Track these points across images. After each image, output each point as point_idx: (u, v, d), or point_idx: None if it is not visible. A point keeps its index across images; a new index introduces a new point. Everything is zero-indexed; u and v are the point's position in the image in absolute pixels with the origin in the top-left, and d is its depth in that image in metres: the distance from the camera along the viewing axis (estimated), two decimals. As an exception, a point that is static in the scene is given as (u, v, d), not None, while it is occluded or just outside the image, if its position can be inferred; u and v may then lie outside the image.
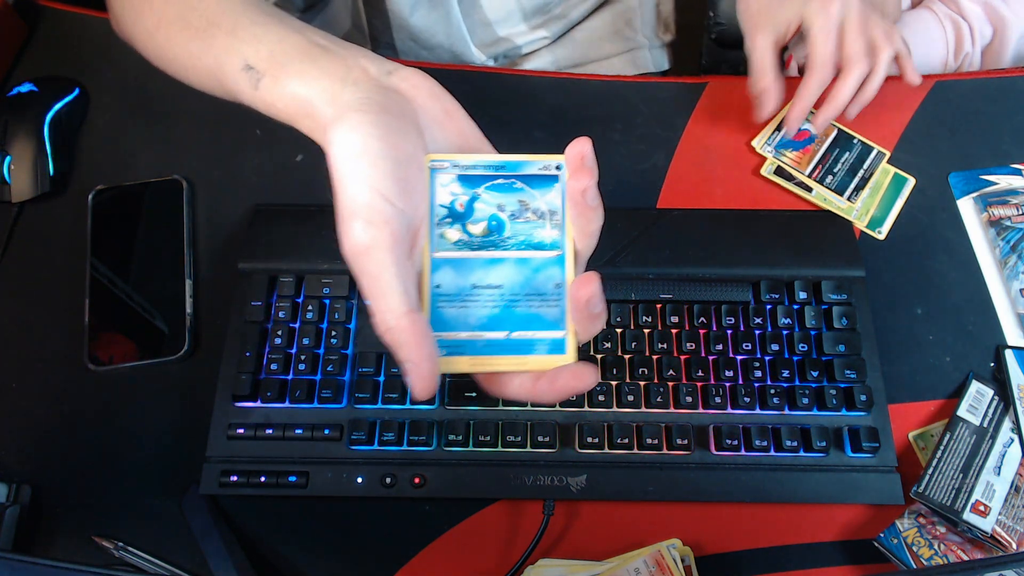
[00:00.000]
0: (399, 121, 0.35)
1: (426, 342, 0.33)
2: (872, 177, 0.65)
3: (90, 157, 0.67)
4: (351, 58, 0.38)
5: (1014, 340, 0.59)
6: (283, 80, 0.38)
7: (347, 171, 0.33)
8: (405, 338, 0.32)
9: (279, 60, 0.39)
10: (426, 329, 0.33)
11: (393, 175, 0.33)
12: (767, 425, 0.55)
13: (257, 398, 0.55)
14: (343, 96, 0.36)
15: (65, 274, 0.62)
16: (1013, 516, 0.51)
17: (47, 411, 0.57)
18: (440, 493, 0.53)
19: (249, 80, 0.39)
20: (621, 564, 0.51)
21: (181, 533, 0.53)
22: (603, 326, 0.36)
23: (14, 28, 0.72)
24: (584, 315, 0.35)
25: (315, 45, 0.39)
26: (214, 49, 0.42)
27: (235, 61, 0.40)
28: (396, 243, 0.33)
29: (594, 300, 0.34)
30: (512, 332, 0.35)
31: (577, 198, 0.35)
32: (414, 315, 0.33)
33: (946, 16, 0.82)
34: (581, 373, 0.35)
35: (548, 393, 0.35)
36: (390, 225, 0.33)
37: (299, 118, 0.38)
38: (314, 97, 0.36)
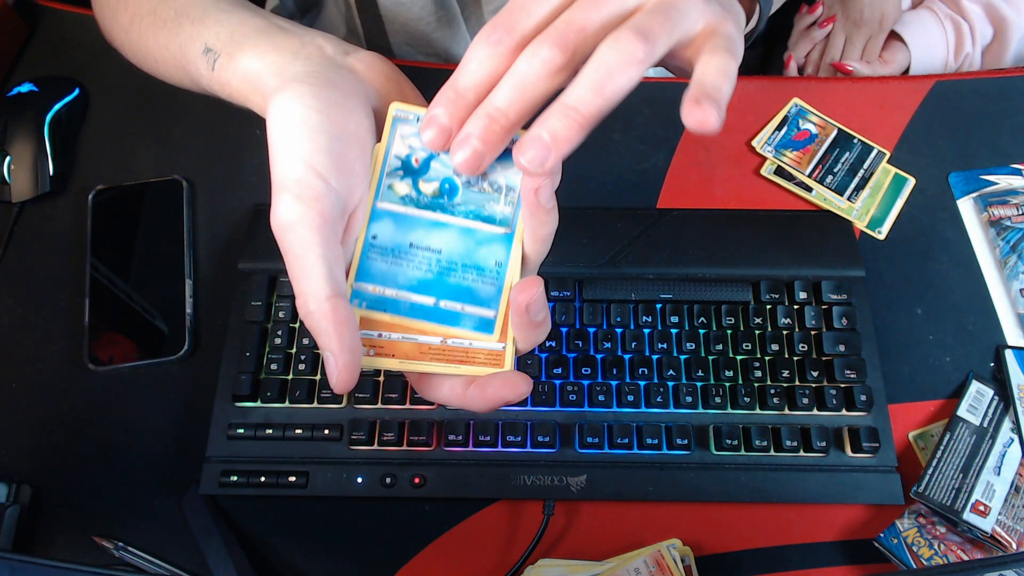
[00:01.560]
0: (345, 98, 0.33)
1: (347, 331, 0.30)
2: (872, 177, 0.65)
3: (90, 157, 0.67)
4: (308, 36, 0.37)
5: (1014, 340, 0.59)
6: (237, 57, 0.37)
7: (281, 142, 0.32)
8: (324, 325, 0.30)
9: (236, 40, 0.37)
10: (348, 317, 0.31)
11: (329, 150, 0.32)
12: (767, 425, 0.55)
13: (257, 398, 0.55)
14: (291, 69, 0.34)
15: (65, 274, 0.62)
16: (1013, 516, 0.51)
17: (47, 411, 0.57)
18: (440, 493, 0.53)
19: (207, 62, 0.38)
20: (621, 564, 0.51)
21: (181, 533, 0.53)
22: (545, 336, 0.34)
23: (14, 28, 0.72)
24: (524, 321, 0.32)
25: (274, 26, 0.38)
26: (179, 37, 0.41)
27: (197, 46, 0.39)
28: (325, 222, 0.31)
29: (535, 306, 0.32)
30: (440, 300, 0.33)
31: (529, 196, 0.32)
32: (336, 300, 0.30)
33: (946, 16, 0.82)
34: (513, 382, 0.33)
35: (478, 400, 0.33)
36: (320, 203, 0.31)
37: (250, 95, 0.36)
38: (263, 71, 0.35)
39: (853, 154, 0.66)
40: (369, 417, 0.55)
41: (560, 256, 0.60)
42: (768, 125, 0.68)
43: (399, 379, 0.55)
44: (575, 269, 0.60)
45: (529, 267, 0.35)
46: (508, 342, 0.33)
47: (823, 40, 0.89)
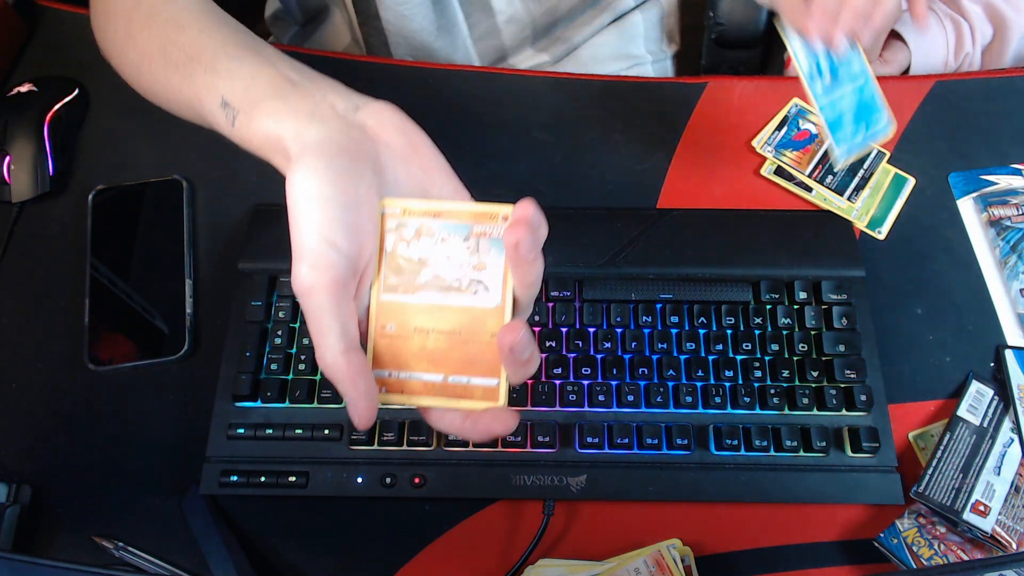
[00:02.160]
0: (355, 163, 0.36)
1: (361, 380, 0.35)
2: (872, 177, 0.65)
3: (90, 157, 0.67)
4: (319, 94, 0.39)
5: (1014, 340, 0.59)
6: (256, 118, 0.39)
7: (296, 214, 0.35)
8: (341, 376, 0.34)
9: (252, 97, 0.40)
10: (362, 367, 0.35)
11: (341, 220, 0.35)
12: (767, 425, 0.55)
13: (257, 398, 0.55)
14: (307, 134, 0.37)
15: (65, 274, 0.62)
16: (1013, 516, 0.51)
17: (47, 411, 0.57)
18: (440, 493, 0.53)
19: (226, 117, 0.40)
20: (621, 564, 0.51)
21: (181, 533, 0.53)
22: (533, 371, 0.37)
23: (14, 28, 0.72)
24: (510, 360, 0.36)
25: (286, 80, 0.40)
26: (194, 85, 0.43)
27: (213, 97, 0.41)
28: (337, 287, 0.35)
29: (518, 347, 0.35)
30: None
31: (510, 251, 0.35)
32: (351, 355, 0.34)
33: (946, 16, 0.82)
34: (502, 418, 0.37)
35: (471, 432, 0.38)
36: (333, 270, 0.34)
37: (272, 154, 0.39)
38: (283, 134, 0.38)
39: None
40: (369, 417, 0.55)
41: (560, 256, 0.60)
42: (768, 125, 0.68)
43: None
44: (575, 269, 0.60)
45: (522, 308, 0.38)
46: (501, 378, 0.37)
47: (823, 40, 0.89)
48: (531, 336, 0.36)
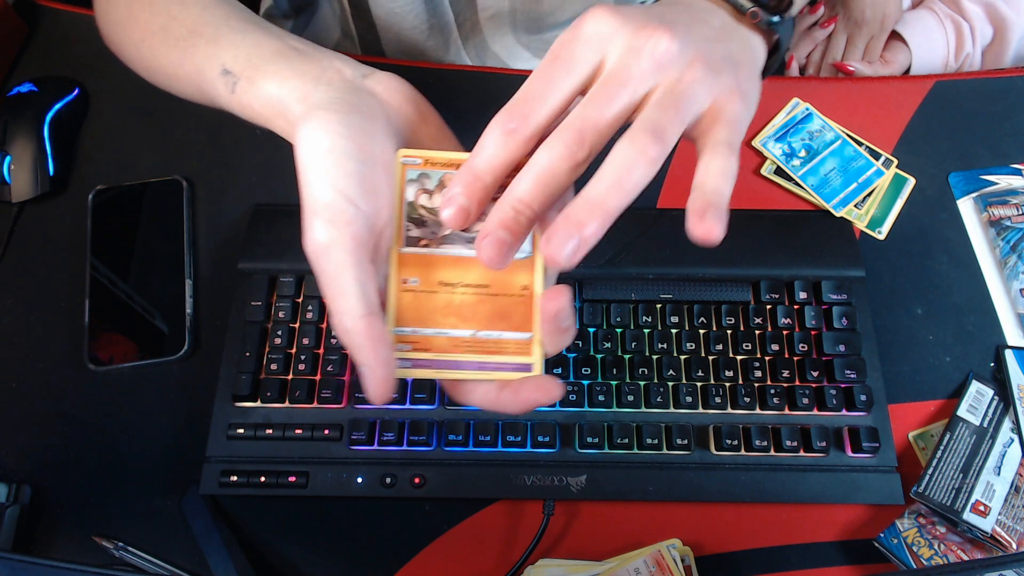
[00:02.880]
0: (369, 122, 0.35)
1: (382, 347, 0.32)
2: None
3: (90, 157, 0.67)
4: (326, 60, 0.38)
5: (1014, 340, 0.59)
6: (258, 82, 0.38)
7: (311, 169, 0.33)
8: (361, 341, 0.32)
9: (255, 63, 0.39)
10: (382, 333, 0.33)
11: (357, 175, 0.33)
12: (767, 425, 0.55)
13: (257, 398, 0.55)
14: (314, 95, 0.36)
15: (65, 274, 0.62)
16: (1013, 516, 0.51)
17: (47, 411, 0.57)
18: (440, 493, 0.53)
19: (226, 84, 0.39)
20: (621, 564, 0.51)
21: (181, 533, 0.53)
22: (571, 340, 0.35)
23: (14, 28, 0.72)
24: (553, 328, 0.34)
25: (291, 48, 0.39)
26: (195, 58, 0.42)
27: (214, 67, 0.40)
28: (357, 244, 0.33)
29: (563, 314, 0.34)
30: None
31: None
32: (371, 319, 0.32)
33: (947, 16, 0.82)
34: (547, 387, 0.35)
35: (511, 404, 0.35)
36: (351, 226, 0.33)
37: (273, 119, 0.38)
38: (286, 96, 0.36)
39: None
40: (369, 417, 0.55)
41: (560, 256, 0.60)
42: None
43: (399, 379, 0.55)
44: (575, 269, 0.59)
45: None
46: (536, 346, 0.35)
47: (824, 40, 0.89)
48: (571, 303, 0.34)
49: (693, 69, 0.32)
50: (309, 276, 0.59)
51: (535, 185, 0.31)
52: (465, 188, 0.32)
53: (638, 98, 0.32)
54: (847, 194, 0.63)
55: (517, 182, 0.32)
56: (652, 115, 0.32)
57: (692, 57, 0.32)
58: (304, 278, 0.59)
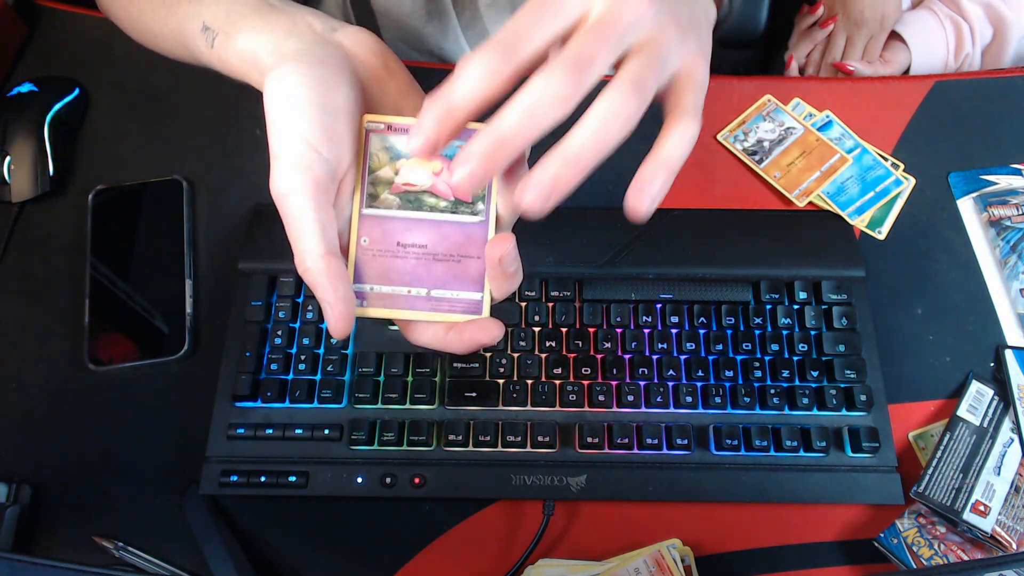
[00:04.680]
0: (333, 73, 0.36)
1: (340, 284, 0.34)
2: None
3: (90, 157, 0.67)
4: (298, 15, 0.39)
5: (1014, 340, 0.59)
6: (234, 36, 0.40)
7: (276, 116, 0.35)
8: (321, 280, 0.34)
9: (232, 19, 0.40)
10: (341, 272, 0.34)
11: (319, 123, 0.35)
12: (767, 425, 0.54)
13: (257, 398, 0.55)
14: (284, 47, 0.37)
15: (65, 274, 0.62)
16: (1013, 516, 0.51)
17: (47, 411, 0.57)
18: (440, 493, 0.53)
19: (206, 40, 0.41)
20: (621, 564, 0.51)
21: (181, 533, 0.53)
22: (517, 285, 0.37)
23: (14, 28, 0.72)
24: (498, 272, 0.36)
25: (267, 4, 0.41)
26: (178, 15, 0.44)
27: (195, 24, 0.42)
28: (317, 189, 0.34)
29: (507, 259, 0.35)
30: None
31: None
32: (330, 258, 0.34)
33: (946, 16, 0.82)
34: (488, 327, 0.37)
35: (457, 343, 0.37)
36: (312, 171, 0.34)
37: (248, 71, 0.39)
38: (259, 50, 0.38)
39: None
40: (369, 417, 0.55)
41: (560, 256, 0.60)
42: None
43: (399, 379, 0.55)
44: (575, 269, 0.60)
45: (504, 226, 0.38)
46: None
47: (824, 40, 0.89)
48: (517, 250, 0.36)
49: (667, 32, 0.33)
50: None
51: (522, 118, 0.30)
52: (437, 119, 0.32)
53: (621, 51, 0.32)
54: (864, 203, 0.63)
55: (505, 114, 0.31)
56: (635, 68, 0.32)
57: (667, 20, 0.33)
58: (304, 278, 0.59)
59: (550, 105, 0.30)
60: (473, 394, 0.55)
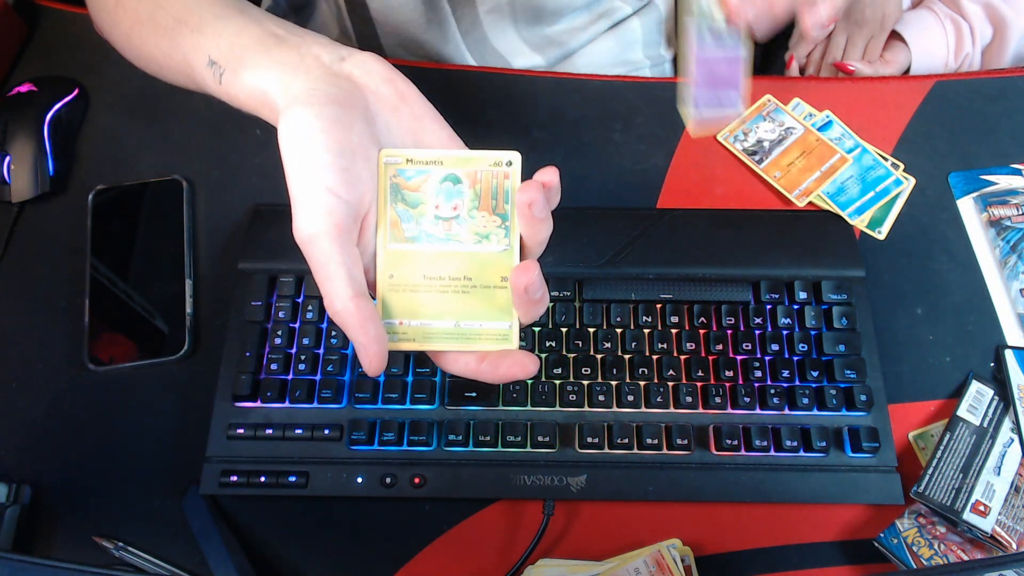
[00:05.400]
0: (346, 111, 0.36)
1: (371, 325, 0.35)
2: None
3: (90, 157, 0.67)
4: (304, 46, 0.39)
5: (1014, 340, 0.59)
6: (241, 73, 0.39)
7: (293, 163, 0.35)
8: (352, 321, 0.34)
9: (237, 53, 0.40)
10: (371, 312, 0.35)
11: (337, 167, 0.35)
12: (767, 425, 0.54)
13: (257, 398, 0.55)
14: (293, 86, 0.37)
15: (65, 274, 0.62)
16: (1013, 516, 0.51)
17: (47, 411, 0.57)
18: (440, 493, 0.53)
19: (213, 75, 0.41)
20: (621, 564, 0.51)
21: (181, 533, 0.53)
22: (543, 311, 0.38)
23: (14, 28, 0.72)
24: (524, 300, 0.36)
25: (271, 35, 0.40)
26: (182, 47, 0.43)
27: (201, 57, 0.41)
28: (340, 232, 0.34)
29: (532, 287, 0.36)
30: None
31: (524, 210, 0.36)
32: (359, 300, 0.34)
33: (946, 16, 0.82)
34: (523, 362, 0.37)
35: (490, 375, 0.38)
36: (334, 216, 0.34)
37: (259, 108, 0.39)
38: (268, 87, 0.38)
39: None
40: (369, 417, 0.55)
41: (560, 256, 0.60)
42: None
43: (399, 379, 0.55)
44: (575, 269, 0.60)
45: (531, 254, 0.38)
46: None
47: (824, 40, 0.89)
48: (542, 276, 0.36)
49: None
50: (309, 276, 0.59)
51: None
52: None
53: None
54: (863, 203, 0.63)
55: None
56: None
57: None
58: (304, 278, 0.59)
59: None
60: (473, 394, 0.55)
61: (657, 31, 0.83)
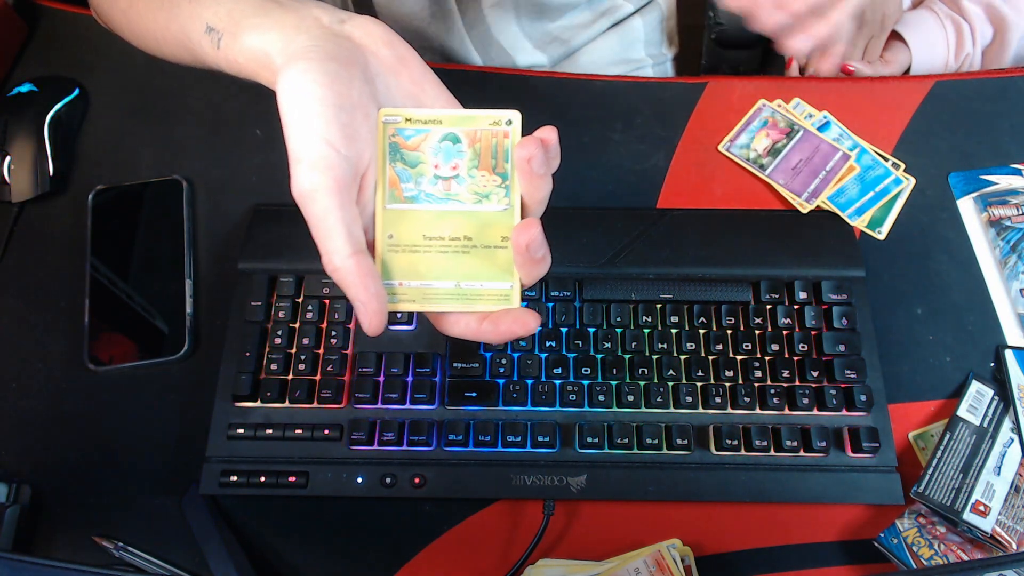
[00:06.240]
0: (346, 68, 0.36)
1: (371, 282, 0.34)
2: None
3: (90, 157, 0.67)
4: (304, 9, 0.39)
5: (1014, 340, 0.59)
6: (240, 36, 0.39)
7: (292, 118, 0.35)
8: (351, 279, 0.34)
9: (235, 18, 0.40)
10: (370, 269, 0.34)
11: (337, 121, 0.35)
12: (767, 425, 0.54)
13: (257, 398, 0.55)
14: (293, 45, 0.37)
15: (65, 274, 0.62)
16: (1013, 516, 0.51)
17: (47, 411, 0.57)
18: (440, 493, 0.53)
19: (211, 41, 0.40)
20: (621, 564, 0.51)
21: (181, 533, 0.53)
22: (545, 270, 0.37)
23: (14, 28, 0.72)
24: (526, 259, 0.36)
25: (270, 0, 0.40)
26: (179, 18, 0.43)
27: (198, 25, 0.41)
28: (340, 187, 0.34)
29: (534, 245, 0.35)
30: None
31: (523, 165, 0.36)
32: (358, 256, 0.34)
33: (947, 16, 0.82)
34: (524, 319, 0.37)
35: (491, 335, 0.37)
36: (334, 170, 0.34)
37: (258, 71, 0.39)
38: (268, 47, 0.38)
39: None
40: (369, 417, 0.55)
41: (560, 256, 0.60)
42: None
43: (399, 379, 0.55)
44: (575, 269, 0.60)
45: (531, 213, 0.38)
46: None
47: (824, 40, 0.89)
48: (543, 235, 0.36)
49: None
50: (309, 276, 0.59)
51: None
52: None
53: None
54: (864, 203, 0.63)
55: None
56: None
57: None
58: (304, 278, 0.59)
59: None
60: (473, 394, 0.55)
61: (659, 30, 0.83)
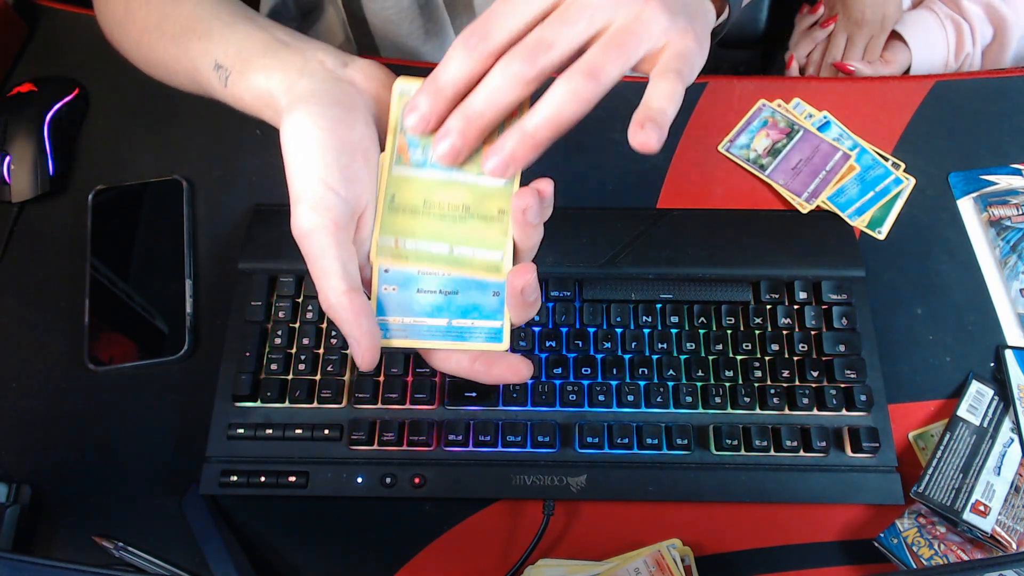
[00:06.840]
0: (348, 112, 0.37)
1: (364, 319, 0.35)
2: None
3: (90, 157, 0.67)
4: (309, 51, 0.40)
5: (1014, 340, 0.59)
6: (247, 75, 0.40)
7: (294, 159, 0.36)
8: (345, 315, 0.35)
9: (244, 57, 0.41)
10: (364, 307, 0.36)
11: (337, 164, 0.36)
12: (767, 425, 0.54)
13: (257, 398, 0.55)
14: (298, 87, 0.38)
15: (65, 274, 0.62)
16: (1013, 516, 0.51)
17: (47, 411, 0.57)
18: (440, 493, 0.53)
19: (219, 78, 0.42)
20: (621, 564, 0.51)
21: (181, 533, 0.53)
22: (535, 312, 0.39)
23: (14, 28, 0.72)
24: (518, 302, 0.37)
25: (277, 41, 0.41)
26: (190, 53, 0.44)
27: (207, 62, 0.42)
28: (337, 228, 0.35)
29: (528, 289, 0.37)
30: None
31: (519, 215, 0.37)
32: (352, 294, 0.35)
33: (947, 16, 0.82)
34: (517, 367, 0.39)
35: (483, 376, 0.39)
36: (332, 212, 0.35)
37: (263, 109, 0.40)
38: (273, 88, 0.39)
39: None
40: (369, 417, 0.55)
41: (560, 256, 0.60)
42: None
43: (399, 379, 0.55)
44: (575, 269, 0.60)
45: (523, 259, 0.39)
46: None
47: (824, 40, 0.89)
48: (538, 281, 0.37)
49: (650, 7, 0.35)
50: (309, 276, 0.58)
51: (487, 99, 0.35)
52: (428, 99, 0.36)
53: (593, 30, 0.35)
54: (864, 203, 0.63)
55: (473, 95, 0.35)
56: (593, 56, 0.34)
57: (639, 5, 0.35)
58: (304, 278, 0.59)
59: (510, 86, 0.34)
60: (473, 394, 0.55)
61: None
